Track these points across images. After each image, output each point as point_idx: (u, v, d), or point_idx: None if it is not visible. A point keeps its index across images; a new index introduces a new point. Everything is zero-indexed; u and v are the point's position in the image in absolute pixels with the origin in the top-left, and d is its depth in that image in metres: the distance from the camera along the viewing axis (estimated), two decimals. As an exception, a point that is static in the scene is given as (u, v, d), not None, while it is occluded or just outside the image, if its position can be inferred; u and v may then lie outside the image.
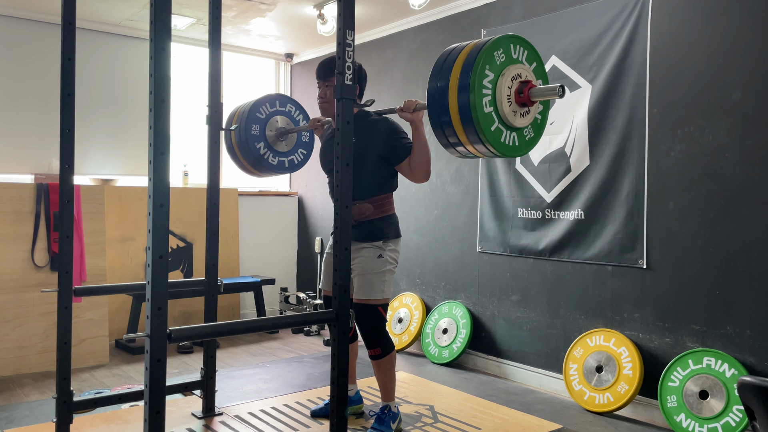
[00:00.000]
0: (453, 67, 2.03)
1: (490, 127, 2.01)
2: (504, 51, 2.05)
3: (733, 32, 2.83)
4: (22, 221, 3.78)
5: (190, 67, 5.17)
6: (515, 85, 2.06)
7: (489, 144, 2.02)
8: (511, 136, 2.09)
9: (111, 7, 4.30)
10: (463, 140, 2.06)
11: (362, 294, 2.71)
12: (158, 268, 1.59)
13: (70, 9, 2.51)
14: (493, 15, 3.91)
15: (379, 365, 2.76)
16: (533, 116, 2.15)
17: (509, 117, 2.04)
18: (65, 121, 2.53)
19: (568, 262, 3.48)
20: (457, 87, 2.00)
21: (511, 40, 2.07)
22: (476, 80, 1.96)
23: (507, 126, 2.06)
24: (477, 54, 1.99)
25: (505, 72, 2.03)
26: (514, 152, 2.13)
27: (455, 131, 2.05)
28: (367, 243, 2.73)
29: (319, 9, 4.25)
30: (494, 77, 2.01)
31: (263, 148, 3.15)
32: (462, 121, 2.00)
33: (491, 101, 2.01)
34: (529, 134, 2.17)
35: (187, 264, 4.88)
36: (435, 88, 2.08)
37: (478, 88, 1.96)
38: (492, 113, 2.01)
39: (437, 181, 4.30)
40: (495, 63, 2.01)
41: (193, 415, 2.99)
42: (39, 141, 4.42)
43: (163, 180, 1.62)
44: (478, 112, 1.96)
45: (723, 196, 2.86)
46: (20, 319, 3.74)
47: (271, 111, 3.17)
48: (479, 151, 2.11)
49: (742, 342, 2.79)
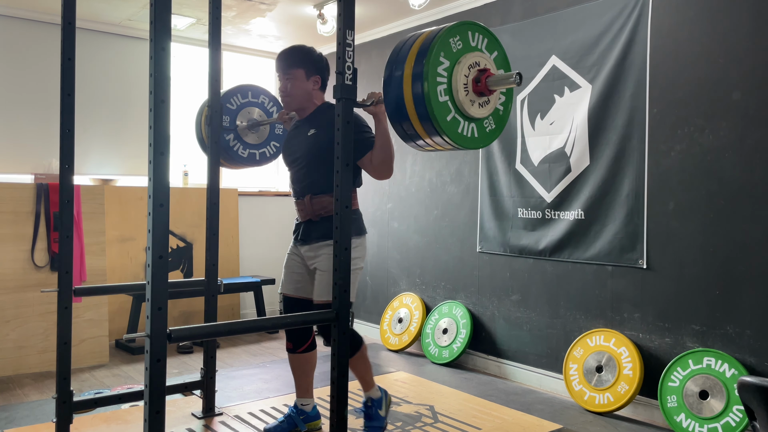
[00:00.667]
0: (408, 55, 1.94)
1: (446, 116, 1.92)
2: (461, 38, 1.96)
3: (733, 32, 2.83)
4: (22, 221, 3.78)
5: (190, 67, 5.17)
6: (473, 73, 1.96)
7: (445, 135, 1.92)
8: (470, 127, 2.00)
9: (111, 7, 4.30)
10: (419, 131, 1.97)
11: (324, 295, 2.56)
12: (158, 268, 1.59)
13: (70, 9, 2.51)
14: (493, 15, 3.91)
15: (350, 363, 2.64)
16: (493, 106, 2.05)
17: (466, 106, 1.95)
18: (65, 121, 2.53)
19: (568, 262, 3.48)
20: (411, 75, 1.90)
21: (470, 27, 1.99)
22: (430, 68, 1.87)
23: (464, 116, 1.97)
24: (432, 41, 1.90)
25: (462, 60, 1.94)
26: (473, 144, 2.03)
27: (411, 122, 1.95)
28: (329, 241, 2.57)
29: (319, 9, 4.25)
30: (450, 65, 1.92)
31: (233, 140, 3.08)
32: (417, 111, 1.91)
33: (446, 90, 1.91)
34: (489, 125, 2.07)
35: (187, 264, 4.88)
36: (390, 77, 1.98)
37: (432, 77, 1.87)
38: (447, 102, 1.92)
39: (437, 181, 4.30)
40: (451, 50, 1.92)
41: (193, 415, 2.99)
42: (39, 141, 4.42)
43: (163, 180, 1.62)
44: (433, 101, 1.87)
45: (723, 196, 2.86)
46: (20, 319, 3.74)
47: (242, 102, 3.10)
48: (437, 143, 2.01)
49: (742, 342, 2.79)
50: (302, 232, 2.66)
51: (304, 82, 2.62)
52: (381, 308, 4.76)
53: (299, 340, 2.73)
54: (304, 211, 2.63)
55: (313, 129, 2.61)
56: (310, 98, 2.65)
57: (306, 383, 2.81)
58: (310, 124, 2.64)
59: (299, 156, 2.64)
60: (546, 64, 3.57)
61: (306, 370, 2.79)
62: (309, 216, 2.61)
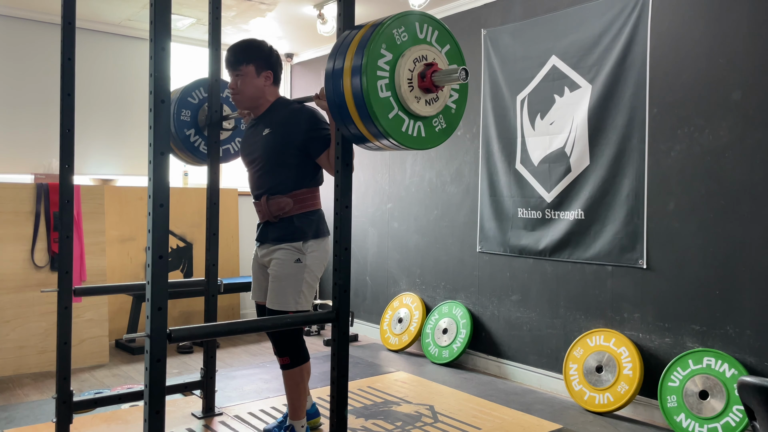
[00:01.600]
0: (349, 46, 1.80)
1: (388, 114, 1.76)
2: (406, 30, 1.80)
3: (733, 32, 2.83)
4: (22, 221, 3.78)
5: (191, 67, 5.16)
6: (418, 68, 1.81)
7: (389, 135, 1.77)
8: (416, 125, 1.84)
9: (111, 7, 4.30)
10: (362, 130, 1.81)
11: (274, 303, 2.45)
12: (158, 268, 1.59)
13: (69, 9, 2.51)
14: (493, 15, 3.91)
15: (286, 376, 2.51)
16: (443, 104, 1.89)
17: (411, 103, 1.79)
18: (65, 121, 2.53)
19: (568, 262, 3.48)
20: (350, 68, 1.76)
21: (418, 18, 1.84)
22: (369, 60, 1.72)
23: (409, 114, 1.81)
24: (373, 32, 1.75)
25: (407, 53, 1.79)
26: (420, 144, 1.87)
27: (353, 119, 1.80)
28: (284, 244, 2.47)
29: (319, 9, 4.25)
30: (393, 58, 1.77)
31: (194, 135, 2.97)
32: (357, 107, 1.76)
33: (388, 85, 1.76)
34: (440, 125, 1.92)
35: (187, 264, 4.88)
36: (330, 70, 1.83)
37: (371, 70, 1.72)
38: (390, 98, 1.76)
39: (437, 181, 4.30)
40: (395, 42, 1.77)
41: (193, 415, 2.99)
42: (39, 141, 4.42)
43: (163, 180, 1.61)
44: (372, 96, 1.72)
45: (723, 196, 2.86)
46: (20, 319, 3.74)
47: (204, 96, 2.99)
48: (383, 144, 1.86)
49: (742, 342, 2.79)
50: (260, 232, 2.58)
51: (255, 78, 2.51)
52: (381, 308, 4.76)
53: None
54: (261, 212, 2.54)
55: (267, 128, 2.52)
56: (263, 95, 2.55)
57: None
58: (265, 123, 2.54)
59: (256, 157, 2.54)
60: (546, 64, 3.57)
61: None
62: (267, 217, 2.52)
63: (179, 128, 2.94)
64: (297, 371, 2.50)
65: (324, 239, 2.55)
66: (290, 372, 2.50)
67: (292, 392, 2.52)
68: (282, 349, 2.48)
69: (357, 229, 4.95)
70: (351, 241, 2.02)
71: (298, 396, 2.53)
